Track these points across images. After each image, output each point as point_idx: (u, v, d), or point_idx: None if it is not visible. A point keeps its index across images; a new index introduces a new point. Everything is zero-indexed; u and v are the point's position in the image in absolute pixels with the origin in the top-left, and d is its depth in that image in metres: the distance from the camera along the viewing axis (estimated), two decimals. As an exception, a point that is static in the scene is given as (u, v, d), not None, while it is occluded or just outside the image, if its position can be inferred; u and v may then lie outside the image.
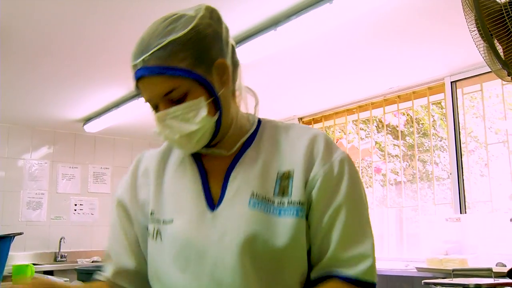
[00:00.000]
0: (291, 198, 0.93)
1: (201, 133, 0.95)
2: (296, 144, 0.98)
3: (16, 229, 4.94)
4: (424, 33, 2.94)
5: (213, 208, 0.95)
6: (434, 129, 6.75)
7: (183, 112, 0.93)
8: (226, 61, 0.98)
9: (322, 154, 0.96)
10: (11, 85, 3.89)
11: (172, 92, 0.93)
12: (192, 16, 0.96)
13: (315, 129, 1.03)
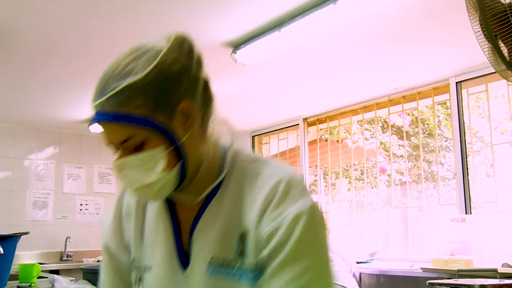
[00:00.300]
0: (249, 259, 0.87)
1: (161, 185, 0.88)
2: (257, 198, 0.89)
3: (22, 228, 4.97)
4: (429, 34, 2.93)
5: (184, 267, 0.93)
6: (439, 129, 6.73)
7: (141, 163, 0.87)
8: (192, 103, 0.89)
9: (274, 205, 0.86)
10: (17, 86, 3.91)
11: (128, 141, 0.86)
12: (157, 51, 0.87)
13: (281, 174, 0.90)
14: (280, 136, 5.24)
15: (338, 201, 5.48)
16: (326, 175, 5.30)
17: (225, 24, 2.73)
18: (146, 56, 0.87)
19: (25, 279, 2.62)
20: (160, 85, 0.85)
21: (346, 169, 5.89)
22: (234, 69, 3.40)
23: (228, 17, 2.66)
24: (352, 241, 5.03)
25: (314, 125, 4.88)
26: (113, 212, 1.04)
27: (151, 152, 0.86)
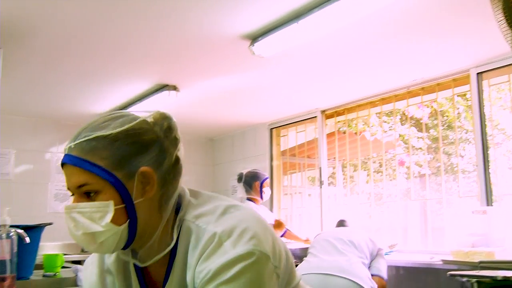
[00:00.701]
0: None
1: (106, 237, 0.92)
2: (195, 255, 0.93)
3: (44, 220, 5.02)
4: (449, 24, 2.90)
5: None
6: (459, 121, 6.65)
7: (90, 211, 0.92)
8: (154, 172, 0.95)
9: (202, 261, 0.91)
10: (37, 81, 3.97)
11: (84, 186, 0.93)
12: (134, 118, 0.96)
13: (220, 227, 0.93)
14: (298, 129, 5.24)
15: (356, 194, 5.46)
16: (345, 168, 5.28)
17: (243, 16, 2.74)
18: (123, 119, 0.96)
19: (49, 269, 2.68)
20: (126, 146, 0.93)
21: (364, 161, 5.86)
22: (252, 62, 3.40)
23: (246, 10, 2.66)
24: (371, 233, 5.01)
25: (332, 118, 4.87)
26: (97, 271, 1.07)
27: (102, 203, 0.91)
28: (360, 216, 5.09)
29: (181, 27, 2.89)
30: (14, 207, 2.34)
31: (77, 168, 0.93)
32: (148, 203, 0.95)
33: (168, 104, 4.35)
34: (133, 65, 3.59)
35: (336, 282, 2.73)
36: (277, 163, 5.37)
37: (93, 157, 0.92)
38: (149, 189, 0.95)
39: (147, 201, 0.95)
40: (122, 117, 0.96)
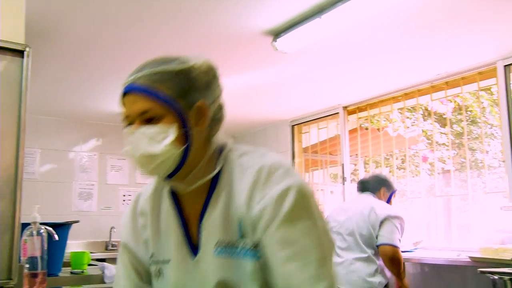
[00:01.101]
0: (249, 239, 0.99)
1: (163, 159, 0.99)
2: (244, 186, 1.01)
3: (69, 218, 5.10)
4: (474, 16, 2.84)
5: (195, 254, 1.05)
6: (483, 116, 6.54)
7: (152, 133, 0.99)
8: (208, 107, 1.05)
9: (259, 189, 0.98)
10: (62, 80, 4.02)
11: (149, 112, 1.00)
12: (191, 61, 1.05)
13: (263, 161, 1.02)
14: (320, 125, 5.21)
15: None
16: (367, 164, 5.23)
17: (266, 12, 2.73)
18: (182, 59, 1.05)
19: (76, 266, 2.71)
20: (187, 80, 1.02)
21: (386, 157, 5.80)
22: (274, 58, 3.39)
23: (269, 5, 2.65)
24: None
25: (354, 114, 4.82)
26: (130, 214, 1.16)
27: (165, 127, 0.99)
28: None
29: (203, 24, 2.89)
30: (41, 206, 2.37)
31: (142, 95, 1.00)
32: (198, 135, 1.04)
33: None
34: (155, 63, 3.60)
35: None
36: (299, 160, 5.35)
37: (159, 86, 1.00)
38: (202, 122, 1.04)
39: (198, 132, 1.04)
40: (180, 58, 1.05)
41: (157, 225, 1.11)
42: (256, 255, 0.98)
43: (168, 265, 1.06)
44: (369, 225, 2.98)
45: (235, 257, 0.99)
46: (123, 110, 1.04)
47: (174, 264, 1.06)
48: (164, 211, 1.11)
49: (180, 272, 1.05)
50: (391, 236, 2.94)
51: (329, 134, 5.16)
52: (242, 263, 0.98)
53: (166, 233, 1.09)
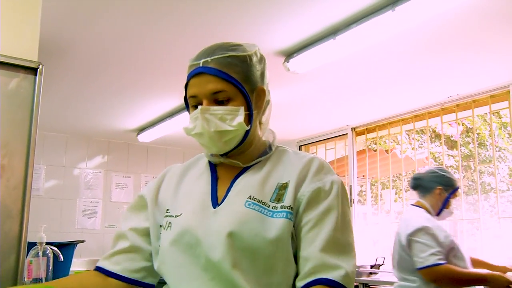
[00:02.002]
0: (284, 203, 1.08)
1: (232, 136, 1.11)
2: (296, 162, 1.15)
3: (72, 236, 5.07)
4: (487, 39, 2.82)
5: (215, 206, 1.11)
6: (491, 139, 6.50)
7: (224, 113, 1.10)
8: (264, 92, 1.18)
9: (314, 172, 1.12)
10: (71, 98, 4.01)
11: (220, 93, 1.10)
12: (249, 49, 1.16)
13: (314, 155, 1.21)
14: (327, 146, 5.17)
15: (385, 212, 5.34)
16: (373, 186, 5.18)
17: (279, 33, 2.71)
18: (243, 46, 1.16)
19: (81, 287, 2.65)
20: (250, 67, 1.14)
21: (393, 179, 5.74)
22: (285, 78, 3.36)
23: (283, 26, 2.64)
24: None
25: (363, 135, 4.79)
26: (158, 177, 1.27)
27: (235, 107, 1.10)
28: (389, 235, 4.96)
29: (214, 42, 2.88)
30: (44, 223, 2.33)
31: (215, 77, 1.10)
32: (255, 117, 1.17)
33: (198, 120, 4.33)
34: (166, 80, 3.59)
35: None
36: (306, 180, 5.29)
37: (229, 70, 1.11)
38: (260, 104, 1.18)
39: (256, 114, 1.17)
40: (241, 45, 1.16)
41: (179, 187, 1.20)
42: (289, 216, 1.06)
43: (179, 217, 1.12)
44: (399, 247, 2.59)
45: (265, 213, 1.07)
46: (190, 90, 1.12)
47: (189, 213, 1.11)
48: (190, 177, 1.21)
49: (193, 220, 1.09)
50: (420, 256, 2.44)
51: (337, 155, 5.12)
52: (271, 220, 1.06)
53: (187, 192, 1.18)
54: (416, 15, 2.42)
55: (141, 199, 1.24)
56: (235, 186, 1.13)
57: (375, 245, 4.70)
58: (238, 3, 2.43)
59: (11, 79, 1.88)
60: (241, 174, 1.15)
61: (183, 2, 2.42)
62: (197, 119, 1.10)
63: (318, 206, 1.08)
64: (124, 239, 1.20)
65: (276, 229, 1.04)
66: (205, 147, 1.17)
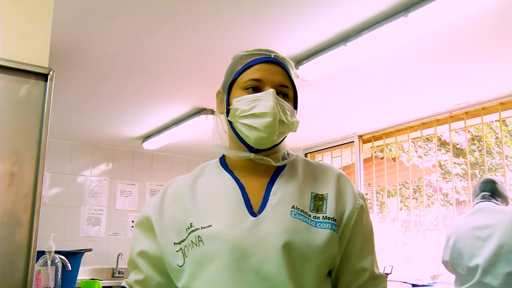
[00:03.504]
0: (326, 214, 1.08)
1: (284, 131, 1.12)
2: (327, 175, 1.17)
3: (77, 244, 5.04)
4: (497, 46, 2.80)
5: (254, 215, 1.05)
6: (497, 147, 6.46)
7: (287, 107, 1.12)
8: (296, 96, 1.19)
9: (352, 190, 1.16)
10: (77, 105, 3.99)
11: (285, 88, 1.13)
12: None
13: (337, 168, 1.24)
14: (333, 154, 5.13)
15: (391, 220, 5.30)
16: (378, 194, 5.14)
17: (289, 39, 2.69)
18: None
19: (89, 296, 2.61)
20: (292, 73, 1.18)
21: (399, 187, 5.70)
22: (293, 85, 3.33)
23: (293, 32, 2.61)
24: (409, 262, 4.83)
25: (369, 142, 4.76)
26: (159, 197, 1.18)
27: (292, 107, 1.14)
28: (395, 243, 4.92)
29: (224, 50, 2.86)
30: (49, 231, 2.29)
31: (284, 71, 1.14)
32: None
33: (205, 128, 4.31)
34: (172, 88, 3.57)
35: None
36: (312, 188, 5.26)
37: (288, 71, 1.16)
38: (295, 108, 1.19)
39: None
40: None
41: (194, 199, 1.13)
42: (334, 227, 1.07)
43: (210, 229, 1.05)
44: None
45: (309, 222, 1.06)
46: (256, 73, 1.12)
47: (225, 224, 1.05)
48: (203, 188, 1.15)
49: (234, 230, 1.03)
50: None
51: (343, 163, 5.09)
52: (316, 230, 1.06)
53: (209, 202, 1.11)
54: (429, 22, 2.39)
55: (147, 220, 1.17)
56: (273, 194, 1.09)
57: (382, 253, 4.65)
58: (247, 9, 2.40)
59: (21, 85, 1.86)
60: (274, 181, 1.12)
61: (191, 10, 2.40)
62: (268, 100, 1.08)
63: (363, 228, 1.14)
64: (138, 270, 1.16)
65: (323, 239, 1.05)
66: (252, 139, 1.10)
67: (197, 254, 1.04)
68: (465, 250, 2.60)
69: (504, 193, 2.75)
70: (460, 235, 2.66)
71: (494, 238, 2.48)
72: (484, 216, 2.61)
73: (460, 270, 2.62)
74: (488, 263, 2.46)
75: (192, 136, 4.84)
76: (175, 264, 1.08)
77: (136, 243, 1.17)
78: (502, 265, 2.42)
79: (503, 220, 2.51)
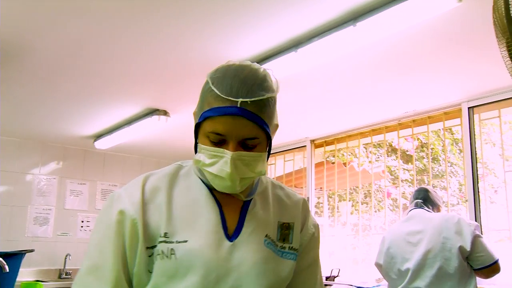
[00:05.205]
0: (292, 245, 1.13)
1: (248, 181, 1.06)
2: (293, 203, 1.19)
3: (22, 244, 4.88)
4: (441, 60, 2.92)
5: (230, 239, 1.06)
6: (444, 154, 6.72)
7: (251, 159, 1.03)
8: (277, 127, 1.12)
9: (310, 217, 1.21)
10: (25, 100, 3.88)
11: (253, 140, 1.03)
12: (274, 83, 1.07)
13: (299, 195, 1.25)
14: (286, 157, 5.20)
15: (341, 224, 5.41)
16: (330, 198, 5.24)
17: (243, 44, 2.72)
18: (270, 78, 1.07)
19: (29, 298, 2.54)
20: (274, 105, 1.07)
21: (350, 192, 5.84)
22: (246, 89, 3.36)
23: (247, 38, 2.64)
24: (356, 265, 4.95)
25: (321, 147, 4.85)
26: (138, 194, 1.08)
27: (260, 153, 1.05)
28: (345, 247, 5.03)
29: (177, 53, 2.86)
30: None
31: (252, 122, 1.01)
32: None
33: (158, 128, 4.28)
34: (124, 88, 3.53)
35: None
36: (264, 191, 5.29)
37: (263, 114, 1.03)
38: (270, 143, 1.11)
39: None
40: (268, 76, 1.08)
41: (171, 207, 1.07)
42: (295, 258, 1.13)
43: (186, 244, 1.02)
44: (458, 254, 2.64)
45: (277, 253, 1.09)
46: (218, 126, 1.02)
47: (202, 243, 1.03)
48: (181, 196, 1.10)
49: (211, 252, 1.02)
50: (489, 252, 2.64)
51: (295, 167, 5.16)
52: (282, 260, 1.10)
53: (187, 216, 1.07)
54: (376, 32, 2.48)
55: (135, 226, 1.04)
56: (248, 221, 1.10)
57: (331, 256, 4.75)
58: (201, 15, 2.42)
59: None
60: (248, 208, 1.12)
61: (146, 12, 2.39)
62: (226, 163, 1.01)
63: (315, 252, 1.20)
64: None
65: (288, 270, 1.10)
66: (215, 186, 1.07)
67: (167, 267, 1.01)
68: (398, 254, 2.72)
69: (435, 201, 2.91)
70: (394, 240, 2.78)
71: (423, 243, 2.62)
72: (416, 223, 2.75)
73: (392, 274, 2.74)
74: (418, 267, 2.59)
75: (144, 137, 4.79)
76: (145, 269, 1.04)
77: (114, 253, 1.03)
78: (428, 268, 2.56)
79: (430, 226, 2.66)
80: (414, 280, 2.59)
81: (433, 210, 2.86)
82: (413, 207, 2.87)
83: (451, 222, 2.61)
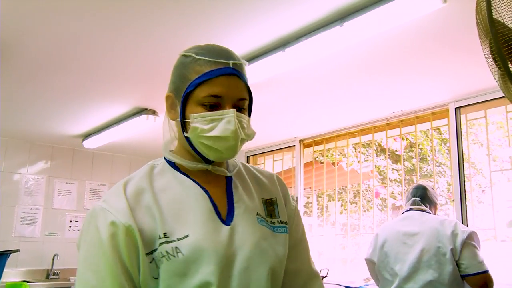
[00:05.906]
0: (280, 218, 1.16)
1: (242, 145, 1.10)
2: (268, 179, 1.23)
3: (9, 245, 4.84)
4: (428, 60, 2.94)
5: (226, 223, 1.07)
6: (432, 154, 6.76)
7: (245, 122, 1.08)
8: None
9: (289, 192, 1.26)
10: (12, 98, 3.85)
11: (244, 101, 1.08)
12: None
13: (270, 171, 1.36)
14: (275, 157, 5.21)
15: (331, 224, 5.43)
16: (319, 197, 5.25)
17: (232, 43, 2.71)
18: None
19: (14, 298, 2.52)
20: None
21: (339, 191, 5.86)
22: (235, 88, 3.36)
23: (235, 37, 2.65)
24: (344, 265, 4.96)
25: (310, 147, 4.86)
26: (124, 200, 1.03)
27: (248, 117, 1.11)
28: (334, 246, 5.04)
29: (166, 52, 2.85)
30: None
31: (242, 83, 1.08)
32: None
33: (146, 128, 4.27)
34: (112, 87, 3.52)
35: None
36: (254, 191, 5.30)
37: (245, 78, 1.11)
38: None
39: None
40: None
41: (158, 207, 1.04)
42: (286, 230, 1.17)
43: (188, 239, 1.01)
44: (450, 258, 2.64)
45: (270, 228, 1.13)
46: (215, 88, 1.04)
47: (201, 234, 1.02)
48: (163, 193, 1.07)
49: (212, 240, 1.02)
50: (479, 261, 2.61)
51: (284, 167, 5.17)
52: (276, 234, 1.13)
53: (179, 210, 1.05)
54: (363, 32, 2.49)
55: (131, 233, 0.99)
56: (237, 202, 1.12)
57: (320, 256, 4.76)
58: (189, 15, 2.42)
59: None
60: (232, 190, 1.14)
61: (135, 9, 2.38)
62: (229, 122, 1.03)
63: (300, 223, 1.25)
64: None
65: (284, 243, 1.15)
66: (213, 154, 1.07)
67: (176, 266, 0.98)
68: (392, 253, 2.70)
69: (433, 199, 2.90)
70: (389, 238, 2.76)
71: (418, 245, 2.61)
72: (413, 224, 2.73)
73: (386, 273, 2.72)
74: (412, 270, 2.58)
75: (133, 136, 4.77)
76: (150, 277, 1.00)
77: (106, 270, 0.97)
78: (422, 272, 2.55)
79: (426, 229, 2.65)
80: (407, 282, 2.58)
81: (430, 208, 2.84)
82: (410, 205, 2.85)
83: (447, 226, 2.60)
